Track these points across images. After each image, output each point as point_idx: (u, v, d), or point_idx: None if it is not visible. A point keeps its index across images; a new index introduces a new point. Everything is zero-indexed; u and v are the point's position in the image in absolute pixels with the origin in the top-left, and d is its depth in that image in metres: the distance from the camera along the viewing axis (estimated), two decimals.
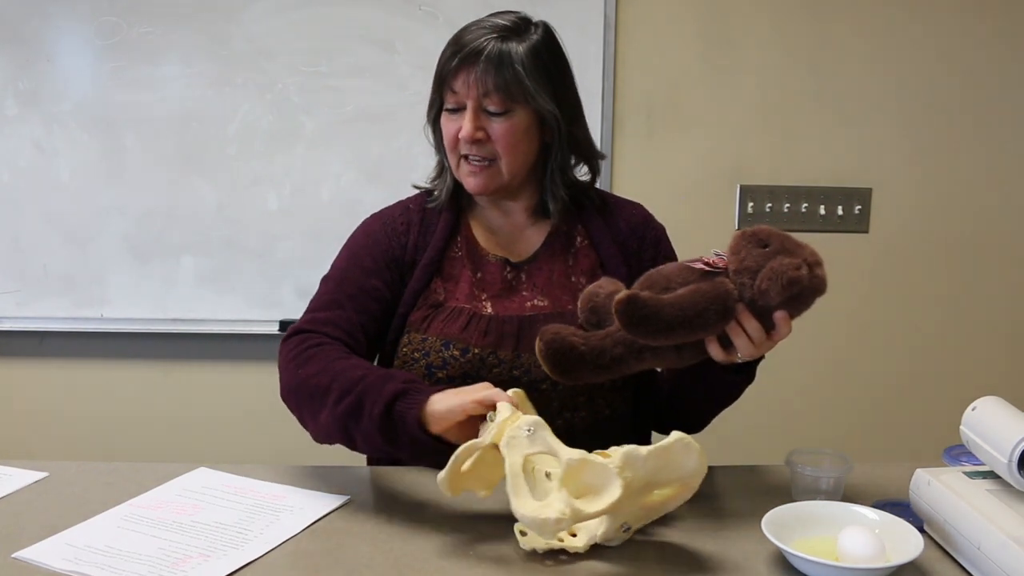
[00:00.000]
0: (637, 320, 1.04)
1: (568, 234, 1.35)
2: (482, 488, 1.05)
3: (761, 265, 1.04)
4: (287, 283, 2.27)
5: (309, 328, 1.26)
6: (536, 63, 1.23)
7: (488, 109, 1.23)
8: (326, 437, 1.20)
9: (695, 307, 1.04)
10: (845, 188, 2.32)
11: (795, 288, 1.03)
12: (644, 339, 1.07)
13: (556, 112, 1.26)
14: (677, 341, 1.07)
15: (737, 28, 2.26)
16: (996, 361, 2.40)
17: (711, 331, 1.07)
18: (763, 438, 2.19)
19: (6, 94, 2.22)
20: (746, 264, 1.06)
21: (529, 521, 0.94)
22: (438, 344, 1.25)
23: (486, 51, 1.21)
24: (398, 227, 1.34)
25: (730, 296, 1.06)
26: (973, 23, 2.28)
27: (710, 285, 1.06)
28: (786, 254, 1.05)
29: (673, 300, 1.05)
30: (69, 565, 0.97)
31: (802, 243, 1.07)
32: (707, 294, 1.05)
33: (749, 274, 1.05)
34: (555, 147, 1.29)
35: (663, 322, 1.04)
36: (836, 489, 1.14)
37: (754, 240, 1.07)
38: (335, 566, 0.99)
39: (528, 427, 0.98)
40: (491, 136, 1.24)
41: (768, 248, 1.06)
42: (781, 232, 1.08)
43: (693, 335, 1.07)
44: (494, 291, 1.31)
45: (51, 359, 2.35)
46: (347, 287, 1.30)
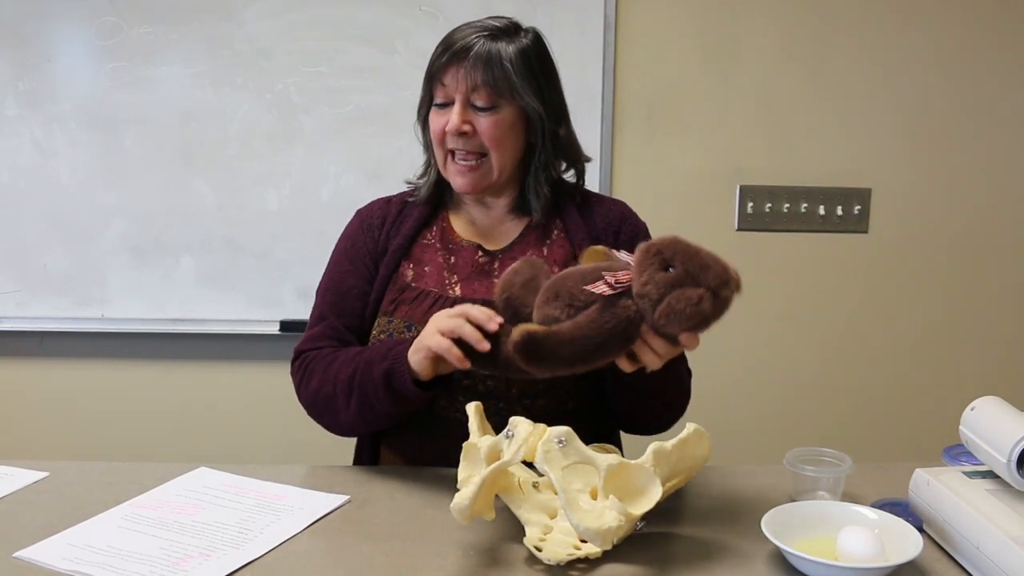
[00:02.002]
0: (536, 359, 1.04)
1: (546, 227, 1.37)
2: (489, 511, 1.01)
3: (663, 295, 1.01)
4: (287, 283, 2.27)
5: (306, 348, 1.35)
6: (524, 63, 1.27)
7: (476, 104, 1.26)
8: (360, 432, 1.36)
9: (595, 340, 1.03)
10: (844, 188, 2.32)
11: (696, 320, 1.01)
12: (545, 374, 1.07)
13: (541, 111, 1.29)
14: (580, 371, 1.07)
15: (737, 29, 2.26)
16: (995, 361, 2.40)
17: (614, 358, 1.07)
18: (763, 438, 2.19)
19: (6, 94, 2.22)
20: (647, 290, 1.02)
21: (592, 533, 0.93)
22: (402, 326, 1.29)
23: (476, 48, 1.25)
24: (374, 221, 1.39)
25: (632, 324, 1.03)
26: (972, 24, 2.28)
27: (611, 315, 1.03)
28: (689, 281, 1.00)
29: (573, 334, 1.03)
30: (69, 565, 0.97)
31: (709, 261, 1.02)
32: (607, 326, 1.03)
33: (650, 302, 1.02)
34: (539, 146, 1.32)
35: (563, 359, 1.04)
36: (835, 489, 1.14)
37: (657, 260, 1.02)
38: (335, 566, 0.99)
39: (559, 439, 0.96)
40: (477, 130, 1.27)
41: (672, 273, 1.01)
42: (687, 247, 1.03)
43: (595, 365, 1.07)
44: (464, 274, 1.33)
45: (51, 359, 2.35)
46: (329, 296, 1.38)
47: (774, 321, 2.35)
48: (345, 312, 1.35)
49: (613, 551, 0.99)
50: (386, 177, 2.22)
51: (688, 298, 1.00)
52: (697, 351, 1.36)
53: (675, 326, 1.01)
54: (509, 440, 0.99)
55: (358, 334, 1.35)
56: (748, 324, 2.33)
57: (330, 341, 1.33)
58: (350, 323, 1.35)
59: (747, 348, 2.33)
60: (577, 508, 0.94)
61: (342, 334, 1.34)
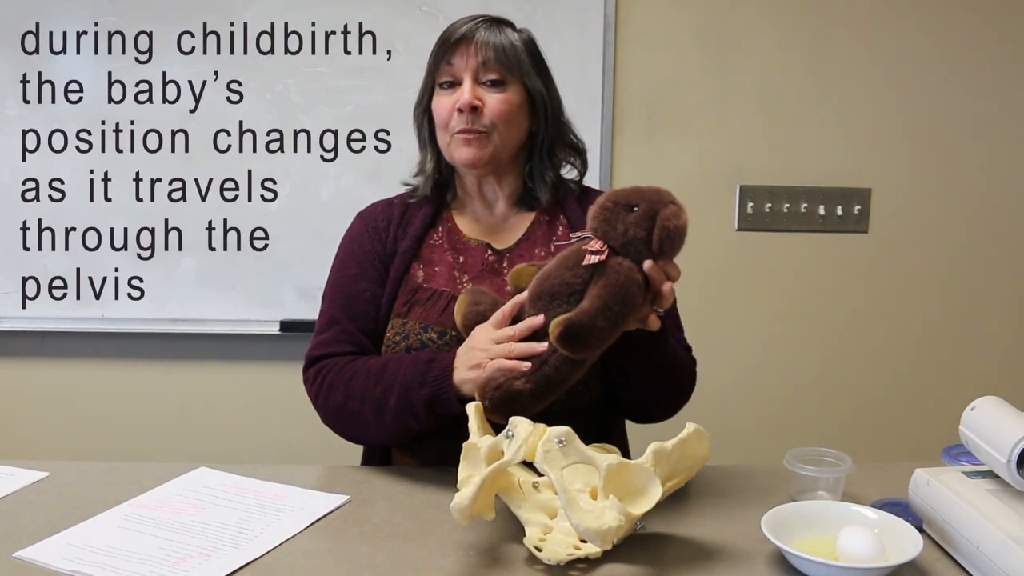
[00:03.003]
0: (580, 343, 1.07)
1: (550, 223, 1.37)
2: (489, 511, 1.01)
3: (649, 228, 1.08)
4: (287, 283, 2.27)
5: (318, 355, 1.32)
6: (528, 49, 1.33)
7: (485, 80, 1.29)
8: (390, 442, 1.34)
9: (619, 298, 1.08)
10: (844, 188, 2.32)
11: (685, 229, 1.09)
12: (589, 355, 1.10)
13: (545, 94, 1.33)
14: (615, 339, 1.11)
15: (737, 28, 2.26)
16: (995, 361, 2.40)
17: (641, 310, 1.11)
18: (763, 438, 2.19)
19: (6, 94, 2.22)
20: (633, 233, 1.09)
21: (592, 533, 0.93)
22: (417, 327, 1.29)
23: (482, 29, 1.29)
24: (379, 224, 1.39)
25: (635, 272, 1.09)
26: (972, 23, 2.28)
27: (614, 273, 1.09)
28: (657, 207, 1.09)
29: (599, 305, 1.07)
30: (69, 565, 0.97)
31: (646, 189, 1.12)
32: (620, 282, 1.08)
33: (641, 241, 1.09)
34: (542, 131, 1.35)
35: (602, 331, 1.07)
36: (835, 489, 1.14)
37: (620, 208, 1.11)
38: (335, 566, 0.99)
39: (559, 439, 0.96)
40: (486, 105, 1.28)
41: (638, 210, 1.09)
42: (625, 190, 1.13)
43: (629, 324, 1.11)
44: (475, 273, 1.34)
45: (51, 359, 2.35)
46: (339, 300, 1.36)
47: (774, 321, 2.35)
48: (358, 315, 1.33)
49: (613, 551, 0.99)
50: (386, 177, 2.22)
51: (671, 215, 1.08)
52: (698, 350, 1.37)
53: (675, 242, 1.09)
54: (509, 440, 0.99)
55: (372, 337, 1.33)
56: (748, 324, 2.33)
57: (344, 346, 1.32)
58: (363, 326, 1.33)
59: (747, 348, 2.33)
60: (577, 508, 0.94)
61: (356, 338, 1.32)
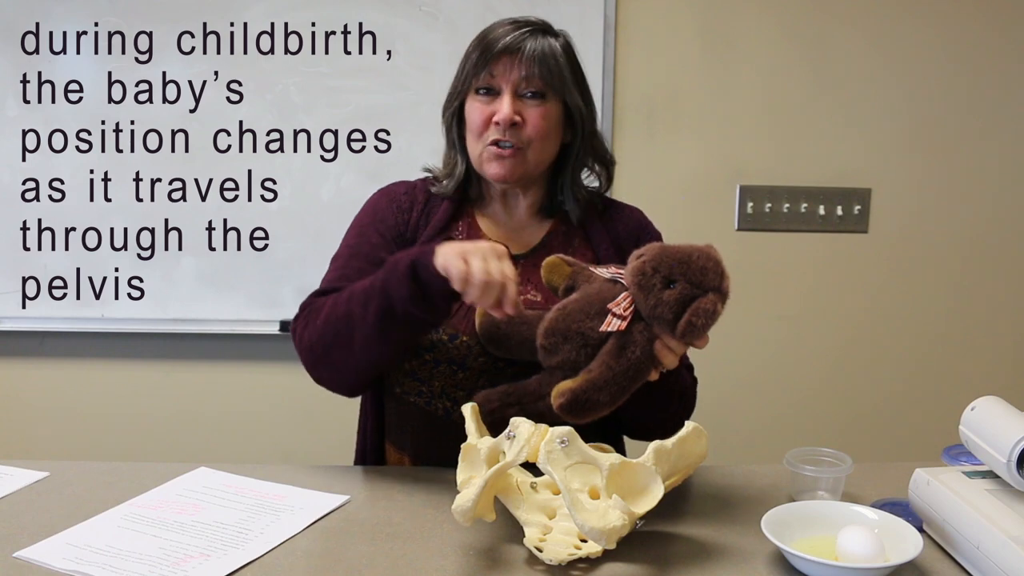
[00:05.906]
0: (581, 413, 1.08)
1: (568, 233, 1.36)
2: (490, 513, 1.01)
3: (677, 313, 1.04)
4: (287, 283, 2.27)
5: (308, 302, 1.27)
6: (569, 60, 1.30)
7: (526, 94, 1.26)
8: (366, 363, 1.21)
9: (628, 374, 1.08)
10: (845, 188, 2.32)
11: (713, 323, 1.05)
12: (587, 420, 1.10)
13: (584, 110, 1.31)
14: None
15: (737, 28, 2.26)
16: (996, 361, 2.40)
17: (645, 380, 1.11)
18: (763, 438, 2.19)
19: (6, 94, 2.22)
20: (660, 312, 1.05)
21: (596, 532, 0.93)
22: None
23: (529, 41, 1.26)
24: (403, 203, 1.36)
25: (651, 344, 1.08)
26: (973, 23, 2.28)
27: (632, 345, 1.08)
28: (696, 291, 1.05)
29: (607, 377, 1.07)
30: (69, 565, 0.97)
31: (701, 261, 1.06)
32: (634, 357, 1.08)
33: (665, 322, 1.06)
34: (576, 146, 1.33)
35: (604, 404, 1.08)
36: (835, 489, 1.14)
37: (658, 279, 1.06)
38: (335, 566, 0.99)
39: (561, 439, 0.96)
40: (525, 120, 1.26)
41: (676, 289, 1.05)
42: (675, 254, 1.07)
43: (632, 391, 1.11)
44: None
45: (51, 359, 2.35)
46: (356, 261, 1.30)
47: (774, 321, 2.35)
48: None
49: (613, 550, 0.99)
50: (386, 177, 2.19)
51: (705, 311, 1.04)
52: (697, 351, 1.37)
53: (700, 334, 1.06)
54: (511, 441, 0.99)
55: None
56: (748, 324, 2.32)
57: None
58: None
59: (747, 348, 2.33)
60: (582, 508, 0.94)
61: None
